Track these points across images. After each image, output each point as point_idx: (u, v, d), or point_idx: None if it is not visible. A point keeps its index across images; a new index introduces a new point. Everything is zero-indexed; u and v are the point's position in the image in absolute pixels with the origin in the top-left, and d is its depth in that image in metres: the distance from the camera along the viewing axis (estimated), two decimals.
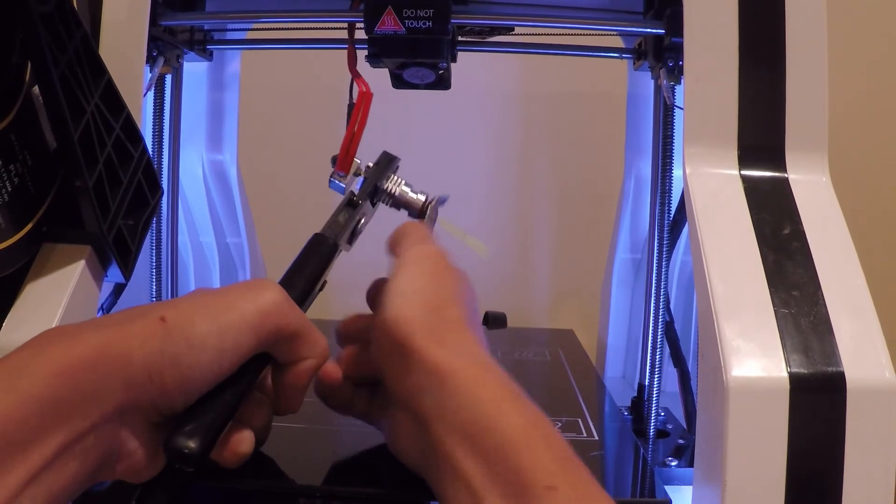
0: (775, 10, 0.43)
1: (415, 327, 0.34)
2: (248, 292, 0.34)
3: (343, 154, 0.45)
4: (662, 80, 0.50)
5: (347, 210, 0.43)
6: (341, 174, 0.45)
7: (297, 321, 0.35)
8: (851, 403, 0.35)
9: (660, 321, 0.52)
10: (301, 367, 0.36)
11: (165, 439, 0.32)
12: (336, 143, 0.45)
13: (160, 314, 0.32)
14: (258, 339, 0.34)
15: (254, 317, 0.33)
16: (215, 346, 0.32)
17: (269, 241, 0.77)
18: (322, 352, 0.37)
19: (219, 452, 0.35)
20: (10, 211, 0.39)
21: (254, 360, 0.35)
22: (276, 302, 0.34)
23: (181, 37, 0.56)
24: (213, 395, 0.33)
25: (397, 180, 0.46)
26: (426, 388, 0.32)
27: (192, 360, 0.32)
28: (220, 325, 0.32)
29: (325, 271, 0.41)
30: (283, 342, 0.35)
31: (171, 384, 0.31)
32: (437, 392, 0.32)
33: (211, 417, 0.33)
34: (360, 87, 0.46)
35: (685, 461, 0.47)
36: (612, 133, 0.73)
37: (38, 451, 0.28)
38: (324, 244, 0.41)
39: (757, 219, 0.41)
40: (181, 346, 0.31)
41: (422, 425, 0.33)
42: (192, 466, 0.32)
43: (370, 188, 0.44)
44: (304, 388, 0.37)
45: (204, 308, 0.33)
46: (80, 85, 0.40)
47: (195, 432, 0.32)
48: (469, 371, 0.32)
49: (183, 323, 0.32)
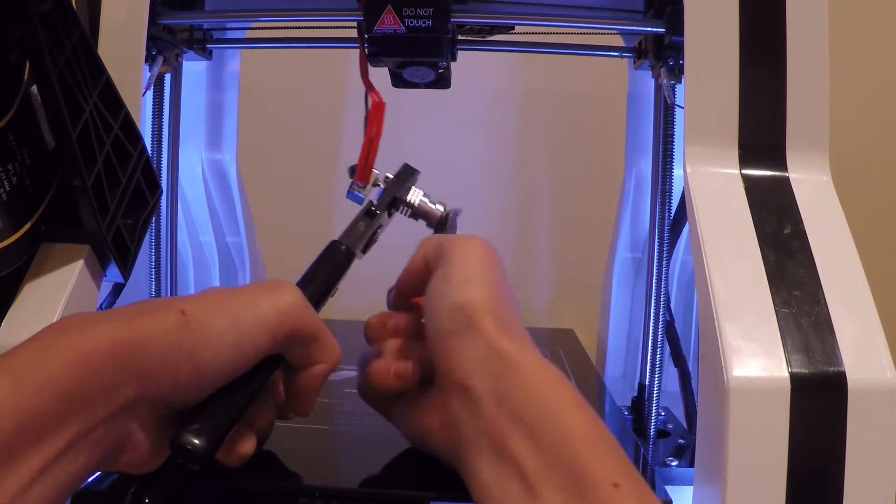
0: (776, 9, 0.43)
1: (485, 311, 0.34)
2: (267, 292, 0.34)
3: (362, 165, 0.45)
4: (663, 79, 0.49)
5: (366, 220, 0.44)
6: (360, 185, 0.46)
7: (313, 324, 0.35)
8: (852, 403, 0.35)
9: (660, 321, 0.52)
10: (314, 371, 0.36)
11: (173, 436, 0.32)
12: (336, 143, 0.45)
13: (180, 307, 0.32)
14: (274, 339, 0.34)
15: (272, 316, 0.33)
16: (232, 343, 0.32)
17: (268, 241, 0.77)
18: (335, 356, 0.37)
19: (221, 452, 0.35)
20: (9, 210, 0.39)
21: (267, 362, 0.35)
22: (294, 304, 0.34)
23: (180, 36, 0.55)
24: (224, 393, 0.33)
25: (416, 191, 0.46)
26: (490, 370, 0.33)
27: (208, 355, 0.32)
28: (238, 323, 0.32)
29: (340, 278, 0.41)
30: (299, 344, 0.35)
31: (185, 378, 0.31)
32: (502, 376, 0.32)
33: (220, 417, 0.33)
34: (373, 98, 0.46)
35: (685, 461, 0.47)
36: (612, 132, 0.72)
37: (53, 441, 0.28)
38: (341, 252, 0.42)
39: (758, 218, 0.41)
40: (199, 340, 0.31)
41: (474, 406, 0.32)
42: (198, 465, 0.32)
43: (389, 199, 0.45)
44: (316, 392, 0.37)
45: (223, 305, 0.33)
46: (79, 84, 0.40)
47: (203, 431, 0.32)
48: (533, 362, 0.33)
49: (202, 318, 0.32)
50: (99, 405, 0.29)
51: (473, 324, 0.34)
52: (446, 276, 0.36)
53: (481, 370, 0.33)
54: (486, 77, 0.92)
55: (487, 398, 0.32)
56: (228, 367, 0.33)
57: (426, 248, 0.40)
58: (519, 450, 0.30)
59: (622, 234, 0.67)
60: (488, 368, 0.33)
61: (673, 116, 0.50)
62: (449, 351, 0.35)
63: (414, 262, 0.40)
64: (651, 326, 0.53)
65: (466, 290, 0.35)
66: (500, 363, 0.33)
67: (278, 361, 0.36)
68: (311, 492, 0.37)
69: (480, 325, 0.34)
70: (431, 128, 0.93)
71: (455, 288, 0.35)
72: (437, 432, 0.36)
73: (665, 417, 0.55)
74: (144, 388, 0.31)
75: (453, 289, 0.35)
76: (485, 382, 0.32)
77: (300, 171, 0.94)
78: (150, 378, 0.31)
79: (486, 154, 0.95)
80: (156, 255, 0.54)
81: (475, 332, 0.34)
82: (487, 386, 0.32)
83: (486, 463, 0.31)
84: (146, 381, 0.30)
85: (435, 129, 0.93)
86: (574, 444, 0.30)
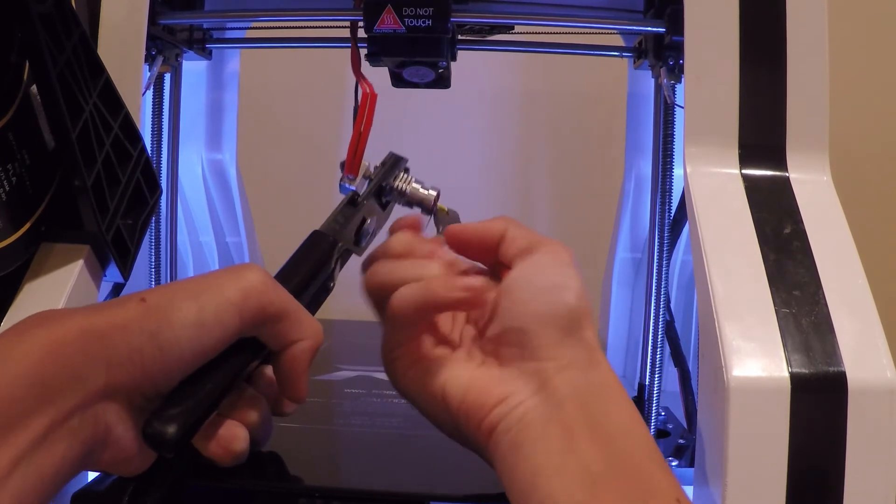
0: (776, 9, 0.43)
1: (588, 319, 0.36)
2: (230, 273, 0.35)
3: (350, 157, 0.45)
4: (663, 79, 0.49)
5: (348, 208, 0.43)
6: (350, 177, 0.45)
7: (281, 300, 0.35)
8: (852, 403, 0.35)
9: (660, 321, 0.52)
10: (296, 350, 0.36)
11: (143, 424, 0.32)
12: (336, 142, 0.45)
13: (141, 296, 0.33)
14: (241, 318, 0.33)
15: (235, 294, 0.33)
16: (195, 322, 0.32)
17: (268, 241, 0.77)
18: (314, 332, 0.36)
19: (210, 449, 0.35)
20: (9, 210, 0.39)
21: (240, 347, 0.34)
22: (258, 281, 0.34)
23: (180, 35, 0.55)
24: (195, 380, 0.33)
25: (406, 178, 0.45)
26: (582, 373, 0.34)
27: (171, 336, 0.32)
28: (199, 302, 0.33)
29: (322, 268, 0.40)
30: (270, 323, 0.35)
31: (151, 362, 0.32)
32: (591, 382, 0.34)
33: (191, 403, 0.33)
34: (364, 89, 0.46)
35: (685, 461, 0.47)
36: (612, 132, 0.72)
37: (26, 430, 0.29)
38: (321, 241, 0.41)
39: (758, 218, 0.41)
40: (160, 322, 0.32)
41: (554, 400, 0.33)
42: (170, 452, 0.32)
43: (375, 188, 0.45)
44: (305, 372, 0.36)
45: (184, 288, 0.33)
46: (79, 84, 0.40)
47: (173, 417, 0.32)
48: (615, 379, 0.35)
49: (162, 302, 0.32)
50: (69, 393, 0.30)
51: (578, 328, 0.35)
52: (548, 267, 0.36)
53: (574, 372, 0.34)
54: (486, 77, 0.92)
55: (571, 398, 0.33)
56: (194, 348, 0.32)
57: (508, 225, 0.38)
58: (589, 449, 0.32)
59: (622, 235, 0.67)
60: (581, 373, 0.34)
61: (673, 116, 0.50)
62: (543, 342, 0.35)
63: (490, 228, 0.38)
64: (651, 326, 0.53)
65: (575, 293, 0.36)
66: (593, 373, 0.34)
67: (256, 349, 0.35)
68: (310, 492, 0.37)
69: (584, 332, 0.35)
70: (431, 128, 0.93)
71: (563, 286, 0.36)
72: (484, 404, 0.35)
73: (665, 417, 0.55)
74: (113, 376, 0.31)
75: (560, 286, 0.36)
76: (572, 383, 0.34)
77: (300, 171, 0.94)
78: (117, 364, 0.31)
79: (486, 154, 0.95)
80: (156, 255, 0.54)
81: (578, 336, 0.35)
82: (574, 387, 0.34)
83: (546, 449, 0.32)
84: (114, 368, 0.31)
85: (435, 129, 0.93)
86: (644, 458, 0.32)
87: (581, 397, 0.33)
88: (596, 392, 0.34)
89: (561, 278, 0.36)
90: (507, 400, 0.35)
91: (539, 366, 0.34)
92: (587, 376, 0.34)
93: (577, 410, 0.33)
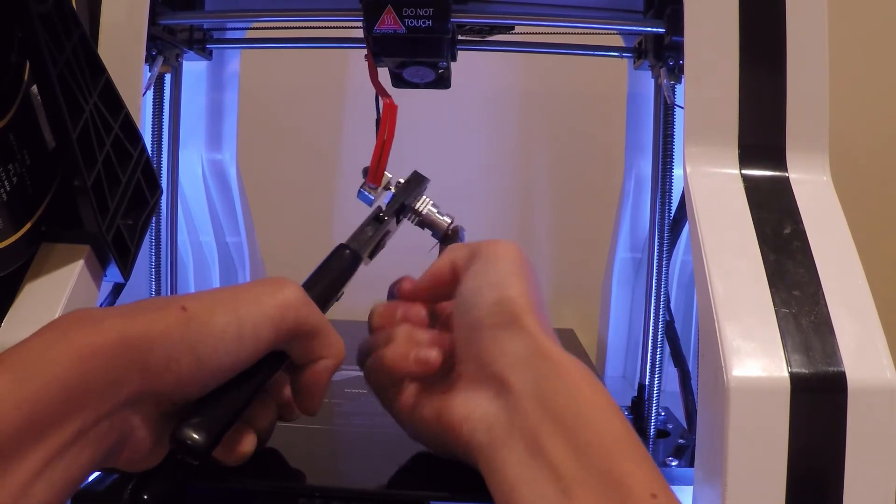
0: (776, 9, 0.43)
1: (528, 309, 0.34)
2: (268, 288, 0.35)
3: (374, 166, 0.46)
4: (663, 79, 0.49)
5: (374, 224, 0.44)
6: (372, 186, 0.46)
7: (315, 319, 0.35)
8: (852, 403, 0.35)
9: (660, 321, 0.52)
10: (319, 367, 0.36)
11: (173, 430, 0.32)
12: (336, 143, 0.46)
13: (181, 304, 0.32)
14: (276, 333, 0.34)
15: (273, 310, 0.34)
16: (233, 336, 0.32)
17: (268, 241, 0.77)
18: (339, 352, 0.37)
19: (221, 450, 0.35)
20: (9, 210, 0.39)
21: (269, 359, 0.35)
22: (295, 298, 0.35)
23: (180, 36, 0.55)
24: (226, 389, 0.33)
25: (426, 200, 0.47)
26: (532, 368, 0.33)
27: (210, 349, 0.32)
28: (239, 316, 0.33)
29: (346, 281, 0.41)
30: (301, 340, 0.35)
31: (188, 373, 0.32)
32: (544, 376, 0.32)
33: (221, 412, 0.33)
34: (384, 100, 0.46)
35: (685, 461, 0.47)
36: (612, 133, 0.72)
37: (58, 435, 0.28)
38: (347, 255, 0.42)
39: (757, 218, 0.41)
40: (200, 334, 0.32)
41: (511, 402, 0.33)
42: (198, 459, 0.32)
43: (397, 205, 0.45)
44: (324, 389, 0.37)
45: (224, 300, 0.33)
46: (79, 84, 0.40)
47: (203, 425, 0.32)
48: (572, 364, 0.33)
49: (203, 313, 0.32)
50: (103, 399, 0.29)
51: (516, 320, 0.34)
52: (485, 271, 0.36)
53: (523, 367, 0.33)
54: (486, 77, 0.92)
55: (527, 396, 0.32)
56: (230, 361, 0.33)
57: (454, 253, 0.40)
58: (556, 450, 0.30)
59: (622, 235, 0.67)
60: (530, 366, 0.33)
61: (673, 116, 0.50)
62: (487, 344, 0.35)
63: (439, 267, 0.40)
64: (651, 326, 0.53)
65: (510, 286, 0.35)
66: (542, 363, 0.33)
67: (281, 360, 0.36)
68: (310, 492, 0.37)
69: (524, 322, 0.34)
70: (431, 128, 0.93)
71: (497, 283, 0.35)
72: (458, 425, 0.35)
73: (665, 417, 0.55)
74: (148, 383, 0.31)
75: (495, 284, 0.35)
76: (525, 380, 0.33)
77: (300, 171, 0.94)
78: (154, 373, 0.31)
79: (486, 154, 0.95)
80: (156, 255, 0.54)
81: (518, 328, 0.34)
82: (528, 383, 0.32)
83: (516, 460, 0.31)
84: (149, 376, 0.31)
85: (435, 129, 0.93)
86: (613, 450, 0.30)
87: (536, 391, 0.32)
88: (550, 383, 0.32)
89: (494, 276, 0.36)
90: (471, 415, 0.34)
91: (491, 369, 0.34)
92: (537, 367, 0.33)
93: (535, 408, 0.32)
